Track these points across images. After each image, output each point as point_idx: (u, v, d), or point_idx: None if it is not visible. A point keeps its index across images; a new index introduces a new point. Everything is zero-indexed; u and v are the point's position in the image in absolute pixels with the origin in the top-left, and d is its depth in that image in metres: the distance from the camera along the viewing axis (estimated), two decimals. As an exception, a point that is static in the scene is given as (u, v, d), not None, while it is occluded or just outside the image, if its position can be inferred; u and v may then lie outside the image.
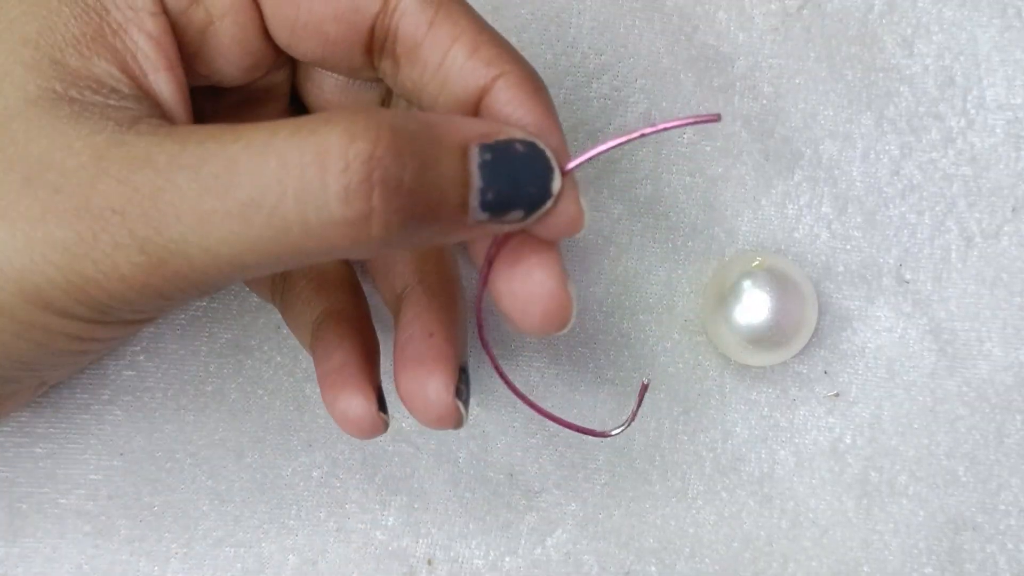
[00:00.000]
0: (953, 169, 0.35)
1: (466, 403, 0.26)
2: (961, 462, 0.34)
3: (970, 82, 0.35)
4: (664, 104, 0.35)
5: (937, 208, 0.35)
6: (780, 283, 0.32)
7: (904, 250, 0.34)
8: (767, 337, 0.32)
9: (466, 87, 0.23)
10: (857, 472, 0.34)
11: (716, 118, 0.23)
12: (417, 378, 0.25)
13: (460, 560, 0.33)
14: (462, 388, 0.26)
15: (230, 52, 0.24)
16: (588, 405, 0.34)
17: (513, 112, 0.23)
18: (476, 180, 0.21)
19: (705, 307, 0.33)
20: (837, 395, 0.34)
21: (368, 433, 0.26)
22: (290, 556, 0.33)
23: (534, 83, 0.24)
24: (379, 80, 0.26)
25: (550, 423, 0.26)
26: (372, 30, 0.24)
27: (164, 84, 0.23)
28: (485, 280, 0.24)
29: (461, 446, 0.33)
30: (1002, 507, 0.34)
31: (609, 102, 0.35)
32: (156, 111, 0.22)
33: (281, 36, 0.24)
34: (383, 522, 0.33)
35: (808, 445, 0.34)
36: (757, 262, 0.33)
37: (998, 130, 0.35)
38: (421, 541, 0.33)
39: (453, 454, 0.33)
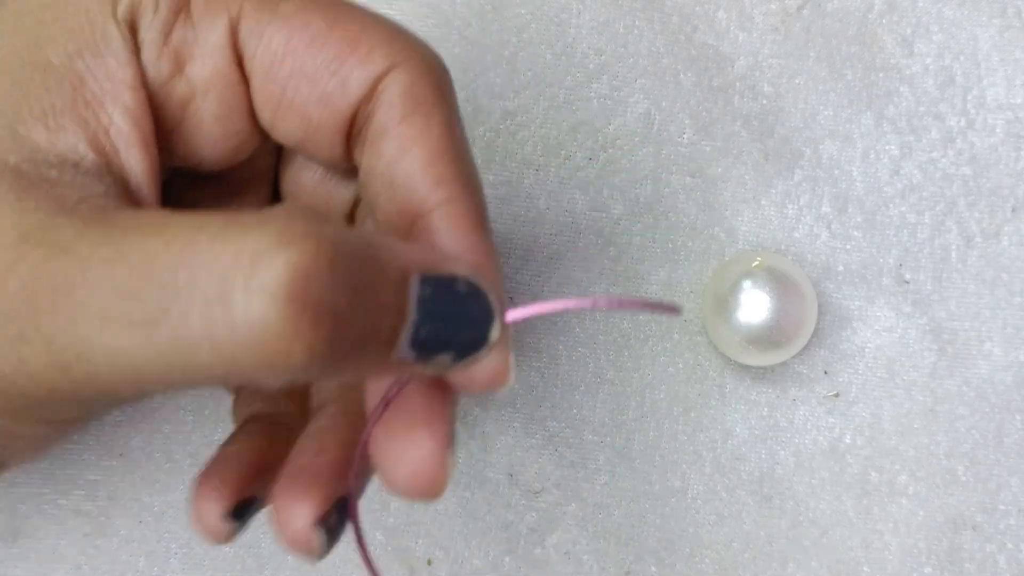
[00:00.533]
0: (953, 169, 0.35)
1: (332, 537, 0.22)
2: (961, 462, 0.34)
3: (970, 82, 0.35)
4: (664, 104, 0.35)
5: (937, 208, 0.35)
6: (780, 283, 0.32)
7: (904, 250, 0.34)
8: (767, 337, 0.32)
9: (410, 199, 0.22)
10: (857, 472, 0.34)
11: (676, 312, 0.21)
12: (288, 496, 0.22)
13: (460, 560, 0.33)
14: (331, 518, 0.22)
15: (211, 130, 0.23)
16: (588, 405, 0.34)
17: (453, 245, 0.21)
18: (412, 313, 0.19)
19: (705, 307, 0.33)
20: (837, 395, 0.34)
21: (212, 540, 0.23)
22: (289, 556, 0.33)
23: (479, 218, 0.22)
24: (354, 177, 0.24)
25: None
26: (354, 116, 0.22)
27: (136, 162, 0.21)
28: (376, 422, 0.22)
29: (461, 446, 0.33)
30: (1002, 507, 0.34)
31: (609, 102, 0.35)
32: (119, 190, 0.21)
33: (264, 115, 0.23)
34: (383, 522, 0.33)
35: (808, 445, 0.34)
36: (757, 262, 0.33)
37: (998, 130, 0.35)
38: (421, 541, 0.33)
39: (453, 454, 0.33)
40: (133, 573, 0.32)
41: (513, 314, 0.21)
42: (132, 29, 0.22)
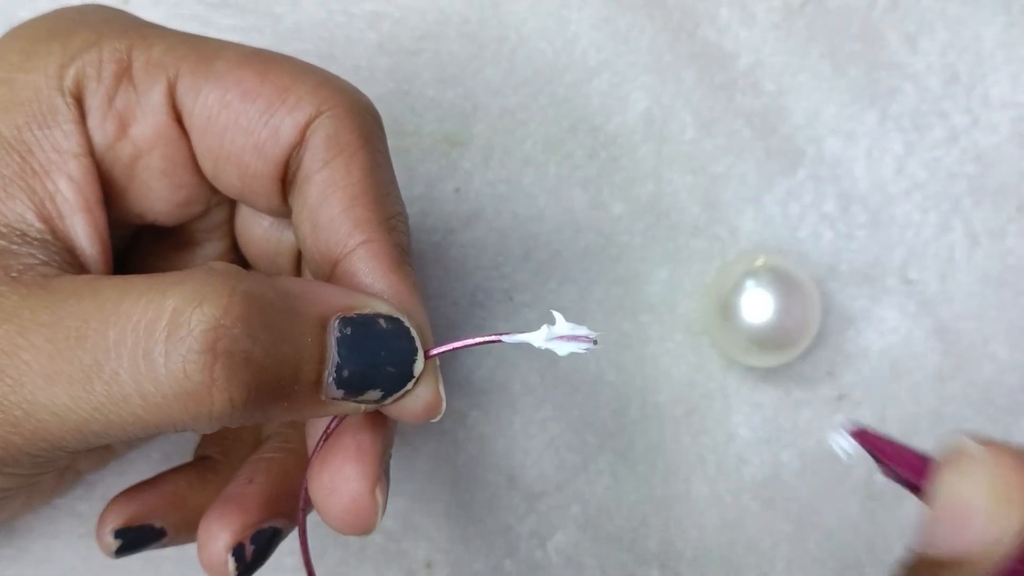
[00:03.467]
0: (958, 167, 0.35)
1: (248, 566, 0.24)
2: (966, 464, 0.34)
3: (974, 79, 0.35)
4: (665, 101, 0.34)
5: (942, 207, 0.34)
6: (784, 283, 0.32)
7: (908, 249, 0.34)
8: (771, 338, 0.32)
9: (330, 241, 0.23)
10: (862, 475, 0.33)
11: (591, 342, 0.22)
12: (211, 519, 0.24)
13: (460, 563, 0.33)
14: (248, 549, 0.24)
15: (160, 185, 0.24)
16: (589, 407, 0.34)
17: (373, 284, 0.23)
18: (333, 355, 0.20)
19: (708, 308, 0.33)
20: (841, 397, 0.34)
21: (105, 552, 0.25)
22: (287, 559, 0.32)
23: (398, 257, 0.23)
24: (287, 212, 0.25)
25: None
26: (287, 163, 0.24)
27: (80, 227, 0.23)
28: (314, 456, 0.23)
29: (460, 449, 0.33)
30: (1008, 509, 0.33)
31: (609, 99, 0.34)
32: (66, 255, 0.22)
33: (207, 167, 0.24)
34: (382, 525, 0.33)
35: (812, 447, 0.34)
36: (761, 262, 0.32)
37: (1003, 128, 0.35)
38: (420, 544, 0.33)
39: (452, 457, 0.33)
40: (127, 575, 0.32)
41: (437, 349, 0.22)
42: (78, 99, 0.23)
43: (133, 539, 0.25)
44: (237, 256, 0.28)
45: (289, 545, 0.32)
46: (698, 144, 0.34)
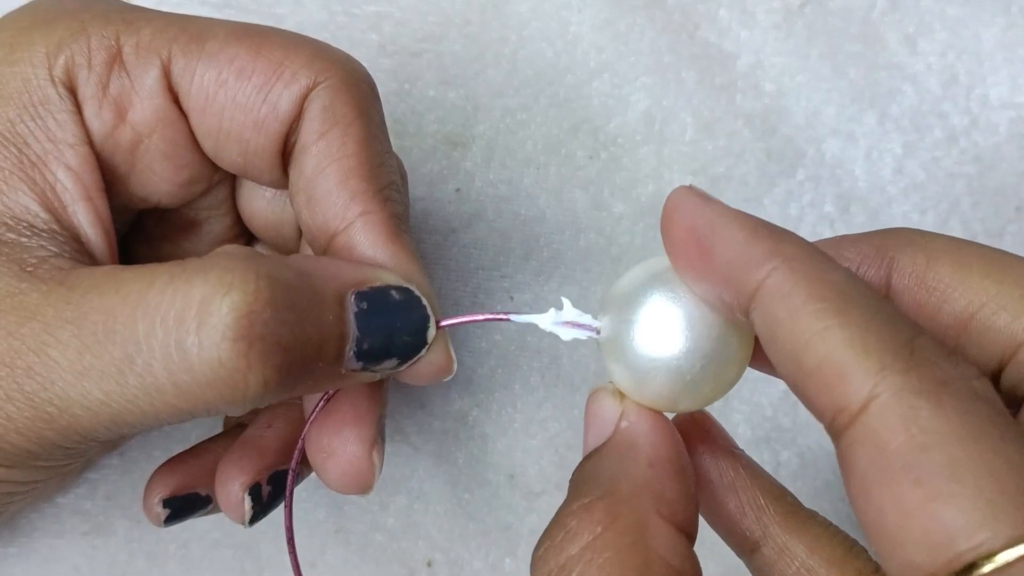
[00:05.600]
0: (957, 168, 0.35)
1: (264, 506, 0.26)
2: (964, 463, 0.34)
3: (973, 80, 0.35)
4: (665, 102, 0.34)
5: (941, 207, 0.34)
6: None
7: (907, 250, 0.34)
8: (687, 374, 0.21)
9: (327, 213, 0.23)
10: (860, 473, 0.33)
11: (594, 331, 0.22)
12: (229, 462, 0.25)
13: (460, 562, 0.33)
14: (264, 489, 0.25)
15: (162, 168, 0.24)
16: (589, 406, 0.34)
17: (374, 255, 0.23)
18: (352, 330, 0.21)
19: (604, 339, 0.22)
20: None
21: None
22: (288, 558, 0.32)
23: (396, 226, 0.23)
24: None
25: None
26: (286, 137, 0.24)
27: (83, 216, 0.23)
28: (313, 418, 0.24)
29: (460, 448, 0.33)
30: (1006, 508, 0.34)
31: (610, 100, 0.34)
32: (73, 244, 0.22)
33: (207, 145, 0.24)
34: (382, 524, 0.33)
35: (811, 446, 0.34)
36: (664, 264, 0.22)
37: (1002, 129, 0.35)
38: (421, 543, 0.33)
39: (452, 455, 0.33)
40: (131, 573, 0.32)
41: (447, 321, 0.23)
42: (70, 88, 0.23)
43: (180, 507, 0.26)
44: (241, 230, 0.28)
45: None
46: (698, 145, 0.34)
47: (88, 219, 0.23)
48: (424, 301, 0.22)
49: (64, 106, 0.23)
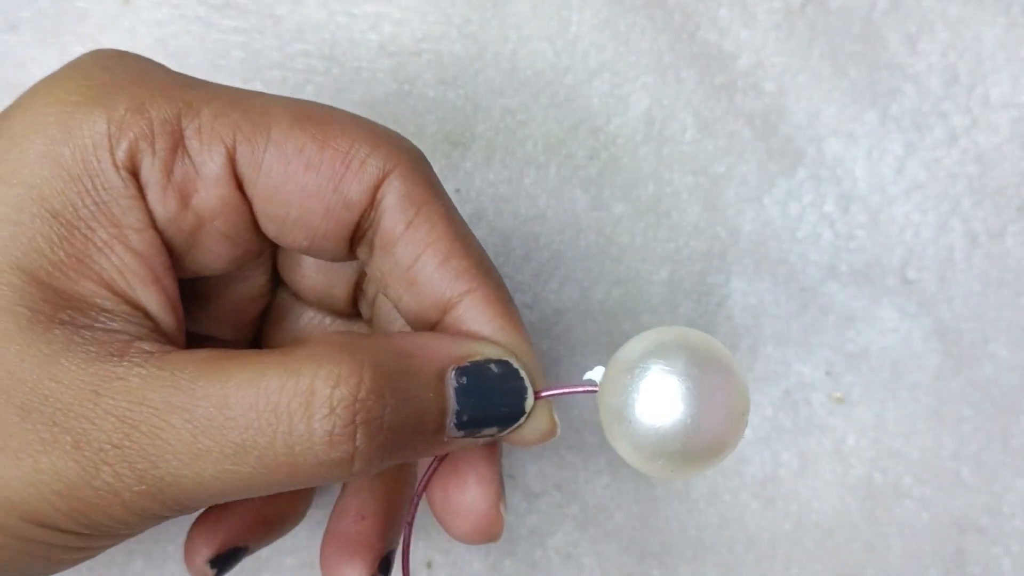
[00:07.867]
0: (958, 168, 0.35)
1: None
2: (966, 464, 0.34)
3: (975, 80, 0.35)
4: (666, 102, 0.34)
5: (942, 207, 0.34)
6: (700, 366, 0.22)
7: (908, 249, 0.34)
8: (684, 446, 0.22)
9: (433, 296, 0.24)
10: (861, 474, 0.33)
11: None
12: (339, 559, 0.27)
13: (459, 563, 0.33)
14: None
15: (220, 248, 0.24)
16: (589, 407, 0.34)
17: (483, 329, 0.24)
18: (452, 404, 0.22)
19: (601, 406, 0.24)
20: (841, 397, 0.34)
21: None
22: (287, 558, 0.32)
23: (503, 302, 0.24)
24: (355, 259, 0.26)
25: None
26: (359, 224, 0.24)
27: (152, 298, 0.23)
28: (428, 481, 0.25)
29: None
30: (1007, 509, 0.33)
31: (610, 100, 0.34)
32: (146, 324, 0.23)
33: (270, 229, 0.24)
34: (382, 524, 0.33)
35: (811, 447, 0.34)
36: (671, 335, 0.23)
37: (1003, 128, 0.35)
38: (420, 544, 0.33)
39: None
40: (131, 573, 0.32)
41: (547, 392, 0.24)
42: (133, 173, 0.23)
43: (225, 562, 0.27)
44: (273, 286, 0.28)
45: (289, 544, 0.33)
46: (699, 145, 0.34)
47: (158, 301, 0.23)
48: (522, 373, 0.23)
49: (128, 192, 0.23)
